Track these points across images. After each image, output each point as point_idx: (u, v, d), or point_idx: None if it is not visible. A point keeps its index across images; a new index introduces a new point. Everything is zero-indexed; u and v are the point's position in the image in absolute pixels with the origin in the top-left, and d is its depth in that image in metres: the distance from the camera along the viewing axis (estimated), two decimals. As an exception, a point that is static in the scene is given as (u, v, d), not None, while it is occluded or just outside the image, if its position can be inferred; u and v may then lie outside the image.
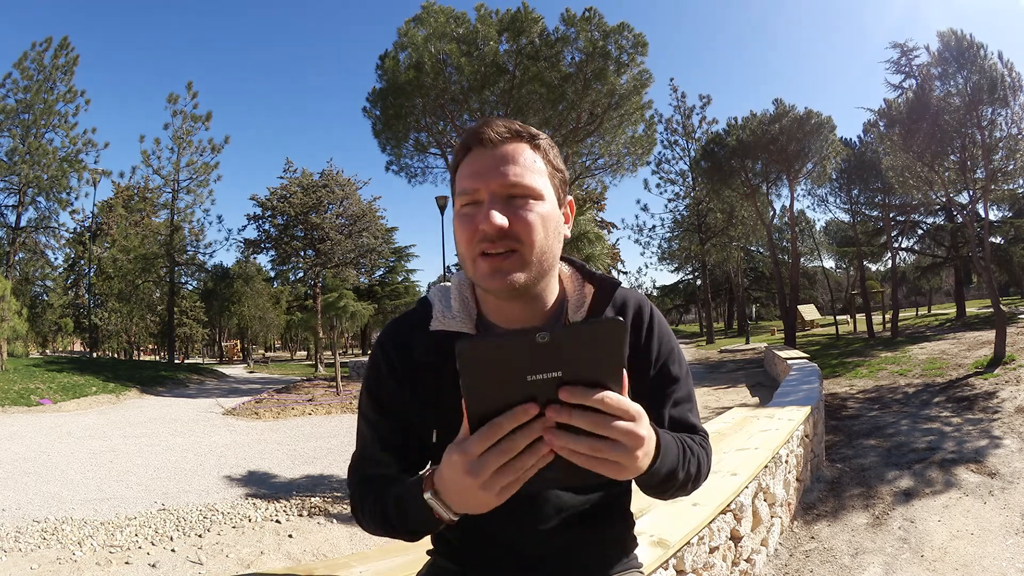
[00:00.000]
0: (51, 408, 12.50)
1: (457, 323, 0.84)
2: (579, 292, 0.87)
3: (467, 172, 0.77)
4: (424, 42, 14.34)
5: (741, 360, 17.48)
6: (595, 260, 8.88)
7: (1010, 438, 5.26)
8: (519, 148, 0.77)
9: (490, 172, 0.75)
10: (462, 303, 0.86)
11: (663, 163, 31.56)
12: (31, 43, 22.67)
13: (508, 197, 0.75)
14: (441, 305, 0.86)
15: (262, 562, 4.11)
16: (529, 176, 0.76)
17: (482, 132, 0.76)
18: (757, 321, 39.52)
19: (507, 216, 0.73)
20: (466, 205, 0.77)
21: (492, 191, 0.75)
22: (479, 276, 0.77)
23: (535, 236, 0.75)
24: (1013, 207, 21.22)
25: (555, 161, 0.81)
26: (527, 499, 0.80)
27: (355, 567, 1.42)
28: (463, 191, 0.76)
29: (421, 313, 0.88)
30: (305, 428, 10.10)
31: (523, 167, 0.76)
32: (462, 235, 0.77)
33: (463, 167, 0.78)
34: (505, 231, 0.73)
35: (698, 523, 1.98)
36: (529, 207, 0.75)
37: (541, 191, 0.77)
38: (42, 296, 27.11)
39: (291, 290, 33.80)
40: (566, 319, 0.84)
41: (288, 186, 31.04)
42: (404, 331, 0.87)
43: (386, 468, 0.86)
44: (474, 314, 0.85)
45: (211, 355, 45.91)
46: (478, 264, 0.76)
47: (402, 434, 0.86)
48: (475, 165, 0.76)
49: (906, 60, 20.44)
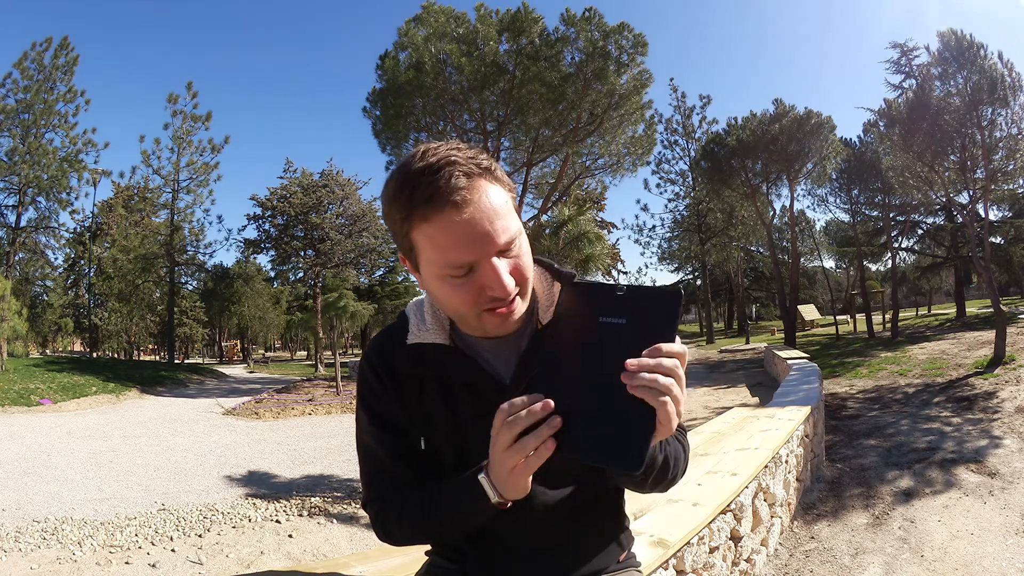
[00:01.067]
0: (51, 408, 12.51)
1: (431, 335, 0.85)
2: (548, 292, 0.87)
3: (449, 242, 0.70)
4: (424, 42, 14.34)
5: (741, 360, 17.48)
6: (595, 260, 8.88)
7: (1010, 438, 5.26)
8: (486, 192, 0.71)
9: (481, 240, 0.70)
10: (435, 316, 0.87)
11: (663, 163, 31.62)
12: (31, 43, 22.76)
13: (499, 252, 0.73)
14: (416, 319, 0.87)
15: (262, 562, 4.11)
16: (509, 220, 0.73)
17: (450, 193, 0.69)
18: (757, 321, 39.52)
19: (508, 270, 0.74)
20: (457, 277, 0.73)
21: (489, 256, 0.72)
22: (486, 327, 0.77)
23: (529, 274, 0.78)
24: (1013, 207, 21.20)
25: (507, 182, 0.78)
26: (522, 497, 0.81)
27: (355, 567, 1.42)
28: (454, 263, 0.71)
29: (400, 327, 0.89)
30: (305, 428, 10.11)
31: (502, 215, 0.72)
32: (460, 300, 0.74)
33: (434, 234, 0.71)
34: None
35: (698, 523, 1.97)
36: (518, 253, 0.75)
37: (519, 228, 0.76)
38: (42, 296, 27.13)
39: (291, 290, 33.80)
40: (537, 321, 0.85)
41: (288, 186, 31.07)
42: (386, 345, 0.89)
43: (405, 477, 0.88)
44: (447, 326, 0.86)
45: (211, 355, 45.94)
46: (486, 319, 0.76)
47: (406, 442, 0.88)
48: (457, 234, 0.70)
49: (906, 60, 20.47)
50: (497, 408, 0.70)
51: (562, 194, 18.14)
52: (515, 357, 0.84)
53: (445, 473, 0.87)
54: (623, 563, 0.97)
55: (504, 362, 0.85)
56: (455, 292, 0.74)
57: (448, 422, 0.85)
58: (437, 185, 0.68)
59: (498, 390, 0.82)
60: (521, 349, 0.85)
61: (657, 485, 0.84)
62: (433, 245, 0.72)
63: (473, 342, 0.86)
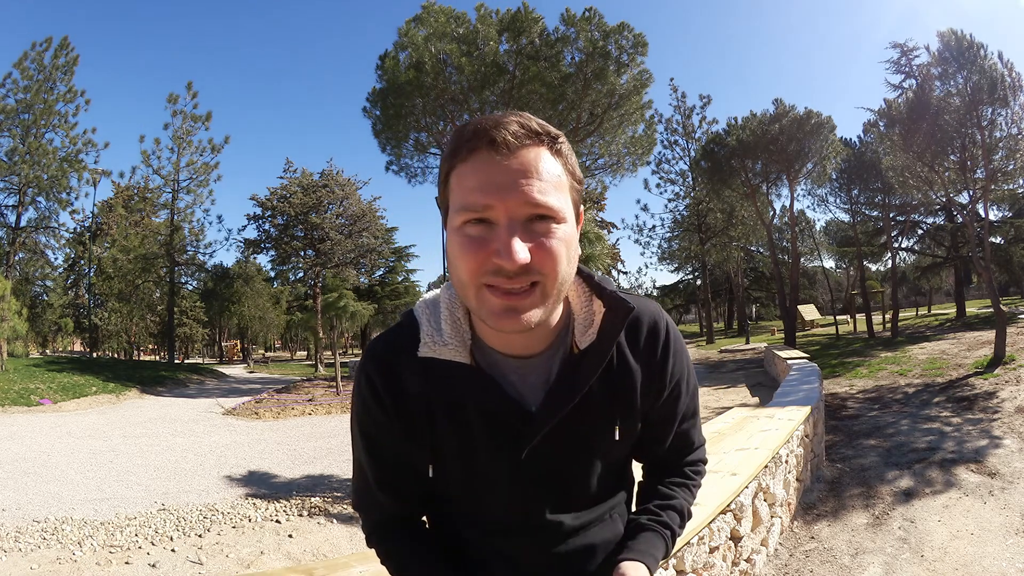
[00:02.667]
0: (51, 408, 12.50)
1: (449, 351, 0.73)
2: (587, 309, 0.76)
3: (475, 182, 0.63)
4: (424, 42, 14.35)
5: (741, 360, 17.48)
6: (595, 260, 8.86)
7: (1010, 438, 5.26)
8: (539, 155, 0.64)
9: (508, 188, 0.62)
10: (454, 326, 0.74)
11: (663, 163, 31.66)
12: (31, 43, 22.74)
13: (528, 219, 0.63)
14: (430, 327, 0.75)
15: (262, 562, 4.11)
16: (554, 195, 0.64)
17: (494, 132, 0.62)
18: (757, 321, 39.52)
19: (528, 244, 0.62)
20: (472, 223, 0.63)
21: (511, 213, 0.62)
22: (485, 312, 0.65)
23: (559, 267, 0.64)
24: (1013, 207, 21.21)
25: (575, 169, 0.69)
26: (525, 523, 0.80)
27: (355, 567, 1.42)
28: (470, 206, 0.63)
29: (408, 333, 0.76)
30: (305, 428, 10.10)
31: (547, 182, 0.63)
32: (466, 260, 0.64)
33: (466, 173, 0.64)
34: (525, 265, 0.62)
35: (698, 523, 1.97)
36: (552, 233, 0.64)
37: (565, 212, 0.65)
38: (42, 296, 27.12)
39: (291, 290, 33.78)
40: (574, 343, 0.75)
41: (288, 186, 31.07)
42: (390, 355, 0.76)
43: (388, 509, 0.83)
44: (468, 339, 0.74)
45: (211, 355, 45.93)
46: (485, 297, 0.64)
47: (397, 472, 0.81)
48: (486, 174, 0.63)
49: (906, 60, 20.46)
50: (519, 437, 0.69)
51: (562, 194, 18.13)
52: (543, 384, 0.75)
53: (451, 499, 0.83)
54: None
55: (531, 388, 0.75)
56: (463, 250, 0.64)
57: (460, 449, 0.77)
58: (495, 128, 0.63)
59: (523, 420, 0.74)
60: (551, 377, 0.75)
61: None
62: (460, 185, 0.65)
63: (497, 360, 0.75)
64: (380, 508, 0.83)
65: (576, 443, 0.78)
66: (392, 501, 0.82)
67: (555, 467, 0.78)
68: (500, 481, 0.78)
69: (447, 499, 0.84)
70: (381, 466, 0.80)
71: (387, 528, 0.84)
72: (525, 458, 0.75)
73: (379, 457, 0.80)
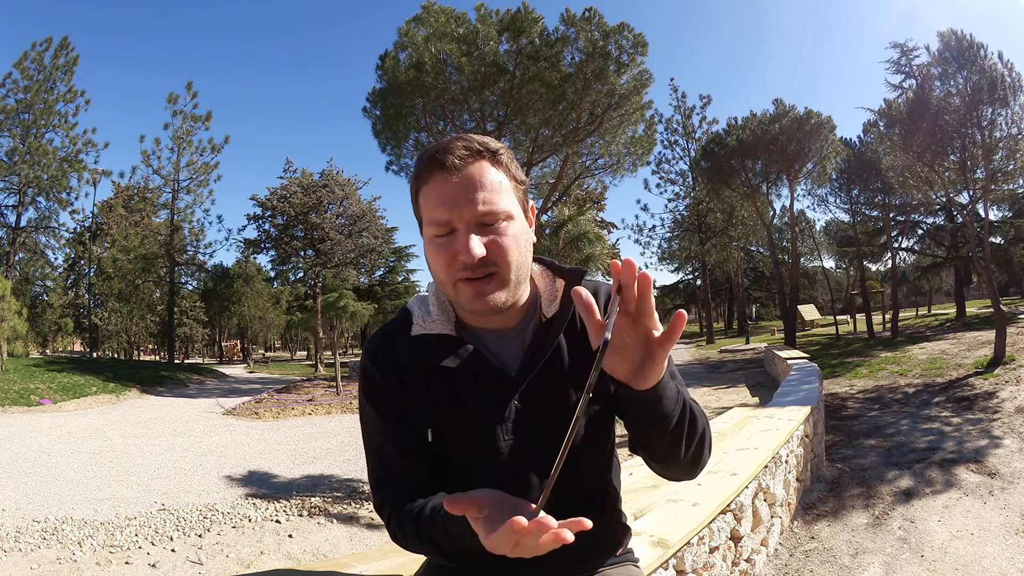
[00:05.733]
0: (51, 408, 12.51)
1: (438, 326, 0.88)
2: (551, 287, 0.91)
3: (436, 200, 0.78)
4: (424, 42, 14.34)
5: (741, 360, 17.48)
6: (595, 260, 8.88)
7: (1010, 438, 5.26)
8: (482, 168, 0.79)
9: (460, 201, 0.77)
10: (440, 308, 0.89)
11: (663, 163, 31.60)
12: (31, 43, 22.69)
13: (480, 223, 0.77)
14: (421, 312, 0.90)
15: (262, 562, 4.11)
16: (498, 199, 0.78)
17: (443, 157, 0.77)
18: (757, 321, 39.53)
19: (484, 240, 0.77)
20: (439, 236, 0.79)
21: (465, 220, 0.77)
22: (461, 299, 0.81)
23: (511, 258, 0.79)
24: (1013, 207, 21.22)
25: (516, 174, 0.83)
26: (515, 492, 0.81)
27: (355, 567, 1.42)
28: (434, 221, 0.78)
29: (403, 321, 0.91)
30: (305, 428, 10.10)
31: (490, 191, 0.78)
32: (439, 263, 0.80)
33: (428, 193, 0.79)
34: (483, 258, 0.77)
35: (698, 523, 1.97)
36: (501, 230, 0.79)
37: (510, 211, 0.80)
38: (42, 296, 27.08)
39: (291, 290, 33.75)
40: (541, 314, 0.89)
41: (288, 186, 31.03)
42: (388, 338, 0.90)
43: (414, 480, 0.87)
44: (453, 317, 0.89)
45: (211, 355, 45.93)
46: (459, 288, 0.79)
47: (415, 436, 0.87)
48: (441, 193, 0.78)
49: (906, 60, 20.41)
50: (503, 399, 0.76)
51: (562, 194, 18.14)
52: (520, 350, 0.87)
53: (450, 463, 0.88)
54: (620, 557, 0.99)
55: (510, 355, 0.88)
56: (437, 254, 0.79)
57: (454, 412, 0.86)
58: (440, 155, 0.78)
59: (503, 382, 0.85)
60: (526, 343, 0.87)
61: (690, 443, 0.78)
62: (426, 204, 0.80)
63: (478, 333, 0.88)
64: (406, 478, 0.88)
65: (555, 403, 0.85)
66: (424, 465, 0.87)
67: (539, 431, 0.85)
68: (492, 447, 0.85)
69: (447, 481, 0.88)
70: (404, 431, 0.87)
71: (399, 502, 0.88)
72: (512, 422, 0.85)
73: (398, 422, 0.87)
